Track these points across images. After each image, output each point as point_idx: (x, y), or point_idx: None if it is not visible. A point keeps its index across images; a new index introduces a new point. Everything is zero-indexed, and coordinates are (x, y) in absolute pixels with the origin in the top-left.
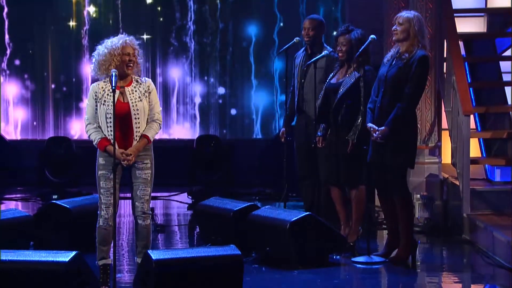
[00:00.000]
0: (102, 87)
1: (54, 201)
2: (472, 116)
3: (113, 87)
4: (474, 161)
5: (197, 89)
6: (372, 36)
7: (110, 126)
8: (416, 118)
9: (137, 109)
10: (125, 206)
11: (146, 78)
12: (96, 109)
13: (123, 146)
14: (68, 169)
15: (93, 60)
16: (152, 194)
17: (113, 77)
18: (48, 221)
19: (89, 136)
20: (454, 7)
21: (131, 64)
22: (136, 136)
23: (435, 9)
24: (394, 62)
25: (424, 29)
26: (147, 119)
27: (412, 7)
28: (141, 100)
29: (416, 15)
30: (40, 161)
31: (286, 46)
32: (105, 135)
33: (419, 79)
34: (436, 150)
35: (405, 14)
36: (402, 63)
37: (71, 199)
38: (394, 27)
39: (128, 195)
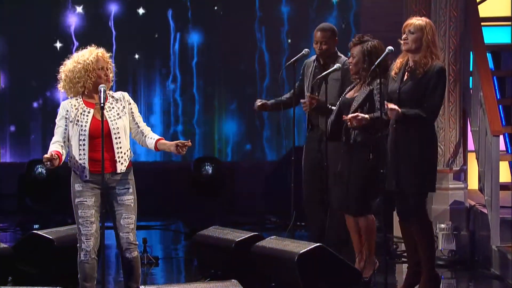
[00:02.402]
0: (75, 105)
1: (35, 231)
2: (501, 137)
3: (102, 104)
4: (504, 186)
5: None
6: (389, 48)
7: (84, 150)
8: (436, 137)
9: (117, 127)
10: (110, 236)
11: (122, 93)
12: (66, 129)
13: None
14: (51, 195)
15: (62, 77)
16: (145, 223)
17: (102, 93)
18: (29, 254)
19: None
20: (481, 15)
21: (108, 80)
22: (119, 157)
23: (459, 18)
24: (406, 76)
25: (436, 38)
26: (141, 133)
27: (434, 15)
28: (120, 118)
29: (429, 22)
30: (19, 186)
31: (295, 58)
32: (73, 156)
33: (439, 92)
34: (461, 175)
35: (416, 21)
36: (417, 78)
37: (54, 229)
38: (404, 36)
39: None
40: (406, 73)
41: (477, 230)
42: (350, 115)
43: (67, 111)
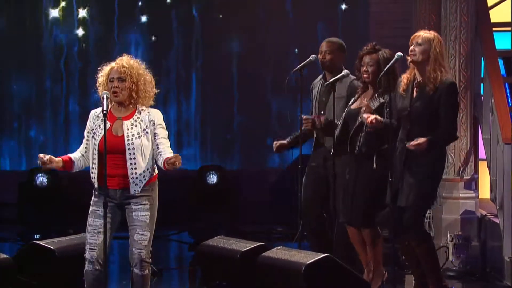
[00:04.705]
0: (98, 116)
1: (37, 241)
2: None
3: (105, 111)
4: None
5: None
6: (398, 53)
7: (94, 164)
8: (445, 153)
9: (133, 147)
10: (118, 247)
11: (149, 111)
12: (88, 140)
13: (113, 185)
14: (54, 204)
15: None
16: None
17: (104, 100)
18: (30, 264)
19: None
20: (492, 20)
21: (117, 91)
22: (132, 178)
23: (470, 23)
24: (416, 92)
25: (444, 52)
26: (159, 155)
27: (445, 20)
28: (139, 137)
29: (436, 35)
30: (20, 195)
31: (302, 64)
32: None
33: (452, 109)
34: (472, 184)
35: (424, 33)
36: (429, 95)
37: (55, 239)
38: (411, 47)
39: (125, 234)
40: (415, 89)
41: (488, 240)
42: (371, 117)
43: (90, 121)
